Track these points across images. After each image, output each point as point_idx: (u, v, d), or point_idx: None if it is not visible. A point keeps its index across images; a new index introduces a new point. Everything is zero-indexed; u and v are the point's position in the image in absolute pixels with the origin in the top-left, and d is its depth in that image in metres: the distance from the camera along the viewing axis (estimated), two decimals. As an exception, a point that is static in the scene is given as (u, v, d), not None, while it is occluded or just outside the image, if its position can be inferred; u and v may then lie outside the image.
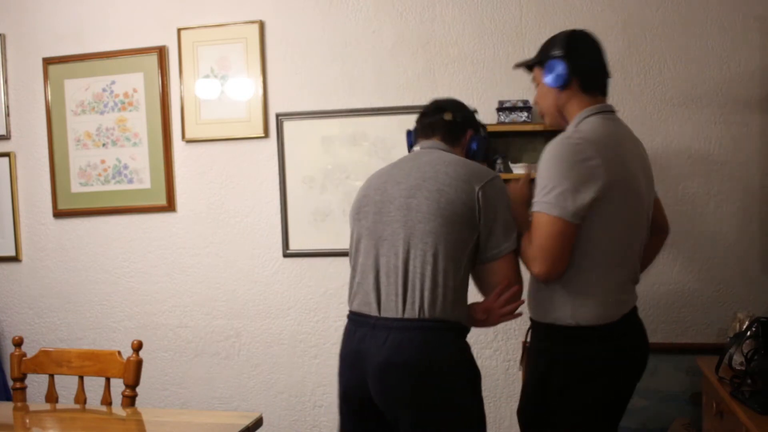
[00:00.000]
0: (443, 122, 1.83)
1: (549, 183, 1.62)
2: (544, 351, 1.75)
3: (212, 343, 2.91)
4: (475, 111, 1.93)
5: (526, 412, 1.83)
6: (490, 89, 2.62)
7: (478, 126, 1.90)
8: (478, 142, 1.86)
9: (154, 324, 2.95)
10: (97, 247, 3.00)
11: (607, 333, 1.71)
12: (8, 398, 2.85)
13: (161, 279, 2.94)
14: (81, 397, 2.14)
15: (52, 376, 2.19)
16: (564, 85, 1.75)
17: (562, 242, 1.62)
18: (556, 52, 1.76)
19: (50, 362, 2.19)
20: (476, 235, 1.65)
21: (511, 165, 2.51)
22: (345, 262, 2.71)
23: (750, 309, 2.34)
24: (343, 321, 2.27)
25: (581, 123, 1.73)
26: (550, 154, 1.66)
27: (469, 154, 1.84)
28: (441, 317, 1.61)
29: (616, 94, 2.51)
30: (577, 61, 1.75)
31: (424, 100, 2.57)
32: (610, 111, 1.77)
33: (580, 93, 1.76)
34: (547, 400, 1.72)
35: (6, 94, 3.05)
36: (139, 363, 2.10)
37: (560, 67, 1.74)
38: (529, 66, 1.88)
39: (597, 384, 1.70)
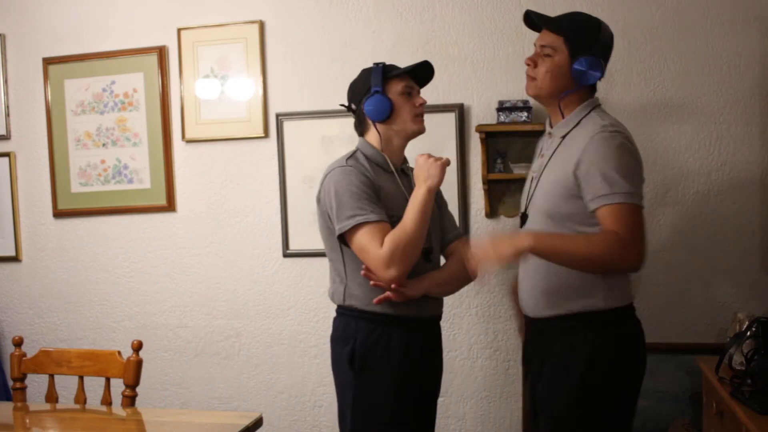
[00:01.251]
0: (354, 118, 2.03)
1: (628, 173, 1.63)
2: (582, 344, 1.70)
3: (212, 343, 2.91)
4: (376, 65, 1.95)
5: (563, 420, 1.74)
6: (490, 89, 2.62)
7: (366, 89, 1.93)
8: (367, 107, 1.92)
9: (154, 324, 2.95)
10: (97, 247, 3.00)
11: (634, 311, 1.79)
12: (8, 398, 2.85)
13: (161, 279, 2.94)
14: (81, 397, 2.14)
15: (52, 376, 2.19)
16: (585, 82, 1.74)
17: None
18: (595, 50, 1.72)
19: (50, 362, 2.19)
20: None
21: (512, 165, 2.51)
22: (345, 262, 2.72)
23: (750, 309, 2.34)
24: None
25: (597, 114, 1.75)
26: (615, 143, 1.64)
27: (375, 124, 1.94)
28: (337, 304, 1.99)
29: (615, 94, 2.52)
30: (605, 64, 1.77)
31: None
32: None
33: (585, 89, 1.78)
34: (585, 401, 1.69)
35: (6, 94, 3.05)
36: (139, 363, 2.10)
37: (596, 68, 1.71)
38: (534, 21, 1.80)
39: (641, 361, 1.76)
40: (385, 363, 1.86)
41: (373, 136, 1.96)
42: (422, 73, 1.99)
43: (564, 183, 1.70)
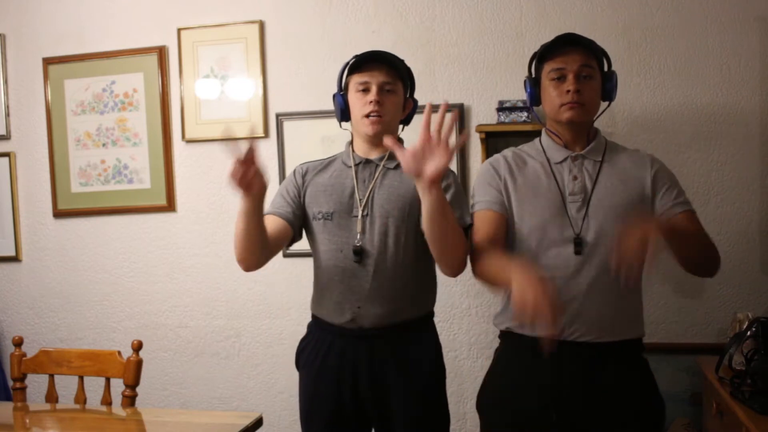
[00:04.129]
0: None
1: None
2: (648, 380, 1.70)
3: (212, 343, 2.91)
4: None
5: None
6: (490, 89, 2.62)
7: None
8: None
9: (154, 324, 2.95)
10: (97, 247, 3.00)
11: None
12: (8, 398, 2.85)
13: (161, 279, 2.94)
14: (81, 397, 2.14)
15: (52, 376, 2.19)
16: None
17: None
18: (612, 69, 1.77)
19: (50, 362, 2.19)
20: None
21: (511, 165, 2.51)
22: (345, 262, 2.73)
23: (750, 309, 2.34)
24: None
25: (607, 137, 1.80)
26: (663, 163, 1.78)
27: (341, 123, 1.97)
28: None
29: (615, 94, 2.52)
30: None
31: (424, 100, 2.56)
32: None
33: None
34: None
35: (6, 94, 3.05)
36: (139, 363, 2.10)
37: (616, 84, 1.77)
38: (569, 41, 1.69)
39: None
40: (308, 365, 1.89)
41: None
42: (383, 59, 1.82)
43: (638, 201, 1.69)
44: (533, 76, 1.79)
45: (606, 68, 1.76)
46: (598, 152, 1.73)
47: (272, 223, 1.84)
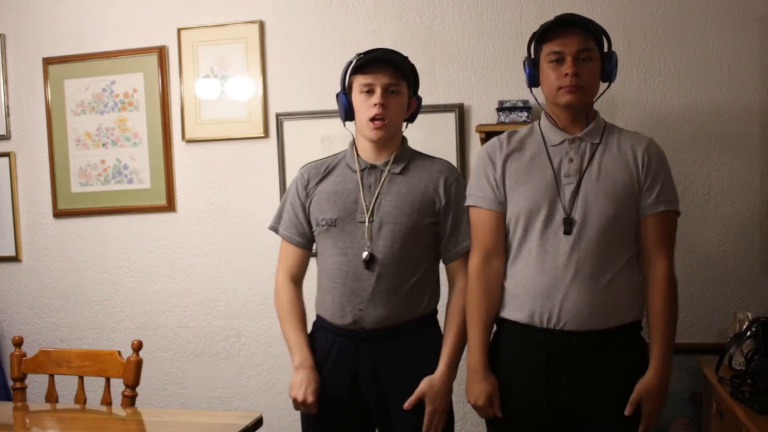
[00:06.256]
0: None
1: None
2: (642, 365, 1.70)
3: (212, 343, 2.91)
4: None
5: None
6: (490, 89, 2.62)
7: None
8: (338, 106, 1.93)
9: (154, 324, 2.95)
10: (97, 247, 3.00)
11: None
12: (8, 398, 2.85)
13: (161, 279, 2.94)
14: (81, 397, 2.14)
15: (52, 376, 2.19)
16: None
17: None
18: (612, 50, 1.74)
19: (50, 362, 2.19)
20: None
21: (511, 165, 2.51)
22: (345, 262, 2.72)
23: (750, 309, 2.34)
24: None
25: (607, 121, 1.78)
26: (665, 156, 1.73)
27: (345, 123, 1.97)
28: None
29: (616, 94, 2.51)
30: None
31: (424, 100, 2.57)
32: None
33: None
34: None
35: (6, 94, 3.05)
36: (139, 363, 2.10)
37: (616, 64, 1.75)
38: (567, 22, 1.67)
39: None
40: None
41: None
42: (388, 61, 1.80)
43: (630, 184, 1.66)
44: (532, 57, 1.77)
45: (606, 48, 1.73)
46: (596, 134, 1.72)
47: (294, 257, 1.99)
